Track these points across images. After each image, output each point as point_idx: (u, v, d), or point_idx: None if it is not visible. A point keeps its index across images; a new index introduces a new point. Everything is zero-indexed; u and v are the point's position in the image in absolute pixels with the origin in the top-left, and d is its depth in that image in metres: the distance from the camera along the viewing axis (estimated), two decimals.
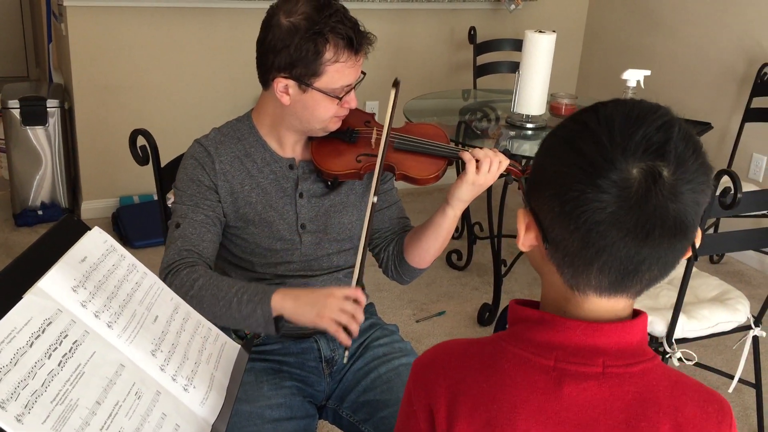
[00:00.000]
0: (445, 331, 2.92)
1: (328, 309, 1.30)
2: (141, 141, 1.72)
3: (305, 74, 1.41)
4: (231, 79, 3.76)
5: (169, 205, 1.79)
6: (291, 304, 1.33)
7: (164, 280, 1.40)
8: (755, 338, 2.18)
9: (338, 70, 1.41)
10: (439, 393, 0.85)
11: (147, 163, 1.73)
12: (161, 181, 1.75)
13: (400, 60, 4.10)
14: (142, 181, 3.68)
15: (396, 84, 1.48)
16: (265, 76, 1.46)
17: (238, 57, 3.69)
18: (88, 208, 3.70)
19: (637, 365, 0.83)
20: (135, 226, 3.47)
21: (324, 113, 1.46)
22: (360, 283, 1.40)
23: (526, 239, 0.86)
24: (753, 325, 2.16)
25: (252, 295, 1.34)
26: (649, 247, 0.78)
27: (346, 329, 1.31)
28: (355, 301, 1.32)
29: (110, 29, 3.47)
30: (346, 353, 1.42)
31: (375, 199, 1.44)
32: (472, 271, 3.42)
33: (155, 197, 3.75)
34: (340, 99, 1.44)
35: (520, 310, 0.87)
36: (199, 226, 1.47)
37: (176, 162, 1.76)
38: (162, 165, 1.76)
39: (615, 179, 0.76)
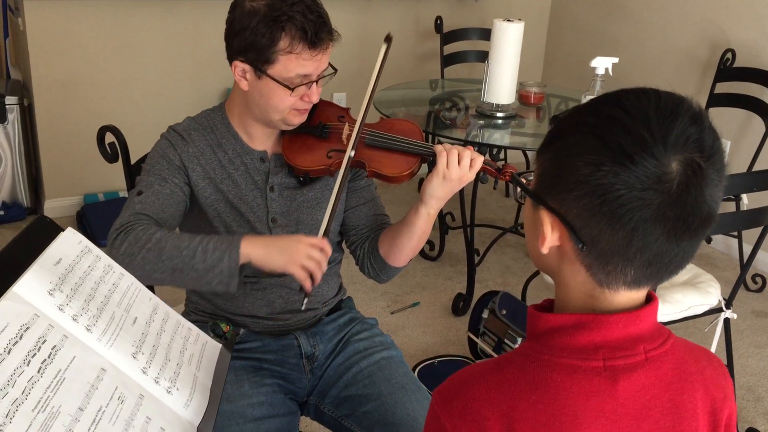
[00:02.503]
0: (420, 321, 2.92)
1: (298, 255, 1.33)
2: (109, 138, 1.68)
3: (258, 60, 1.39)
4: (196, 72, 3.70)
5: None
6: (261, 251, 1.32)
7: (114, 241, 1.33)
8: (726, 320, 2.22)
9: (291, 60, 1.39)
10: (491, 425, 0.81)
11: (116, 160, 1.69)
12: (131, 179, 1.71)
13: (365, 50, 4.07)
14: (107, 178, 3.61)
15: (388, 39, 1.43)
16: (229, 58, 1.45)
17: (203, 49, 3.63)
18: (51, 206, 3.61)
19: (666, 343, 0.85)
20: (101, 224, 3.40)
21: (279, 103, 1.43)
22: (326, 234, 1.42)
23: (550, 241, 0.83)
24: (724, 308, 2.20)
25: (218, 244, 1.32)
26: (687, 240, 0.79)
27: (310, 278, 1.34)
28: (321, 250, 1.35)
29: (70, 23, 3.39)
30: (305, 300, 1.45)
31: (352, 153, 1.44)
32: (445, 261, 3.42)
33: (121, 194, 3.69)
34: (292, 90, 1.41)
35: (551, 318, 0.84)
36: (162, 198, 1.43)
37: (145, 158, 1.72)
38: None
39: (658, 174, 0.75)
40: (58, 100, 3.48)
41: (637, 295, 0.84)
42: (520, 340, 2.40)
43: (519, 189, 0.95)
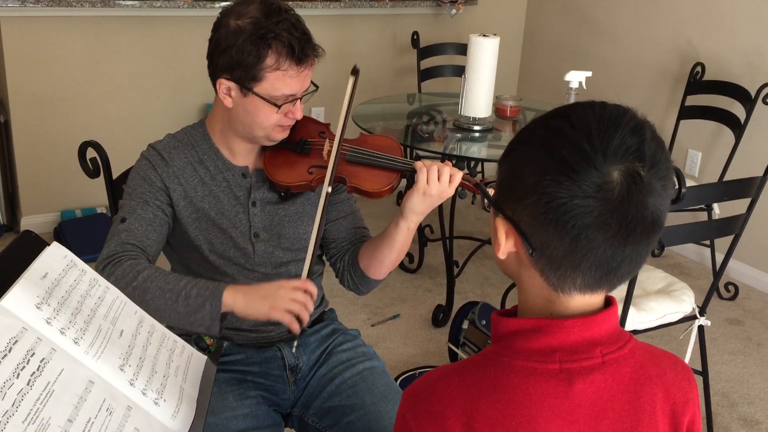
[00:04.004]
0: (400, 334, 2.94)
1: (281, 300, 1.32)
2: (90, 153, 1.69)
3: (245, 78, 1.41)
4: (173, 89, 3.71)
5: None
6: (242, 300, 1.32)
7: (102, 271, 1.35)
8: (700, 327, 2.27)
9: (279, 78, 1.41)
10: (452, 425, 0.84)
11: (98, 176, 1.70)
12: (113, 194, 1.72)
13: (343, 66, 4.10)
14: (85, 195, 3.60)
15: (355, 72, 1.45)
16: (212, 76, 1.46)
17: (180, 66, 3.64)
18: (28, 223, 3.59)
19: (625, 346, 0.88)
20: (79, 241, 3.39)
21: (265, 120, 1.45)
22: (310, 275, 1.42)
23: (506, 247, 0.87)
24: (698, 315, 2.24)
25: (202, 290, 1.32)
26: (631, 246, 0.82)
27: (297, 319, 1.33)
28: (305, 291, 1.34)
29: (47, 39, 3.38)
30: (296, 343, 1.46)
31: (329, 189, 1.44)
32: (424, 273, 3.45)
33: (99, 210, 3.67)
34: (279, 107, 1.43)
35: (511, 323, 0.88)
36: (146, 224, 1.44)
37: (125, 174, 1.73)
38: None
39: (599, 183, 0.79)
40: (35, 117, 3.46)
41: (593, 299, 0.88)
42: None
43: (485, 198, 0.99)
